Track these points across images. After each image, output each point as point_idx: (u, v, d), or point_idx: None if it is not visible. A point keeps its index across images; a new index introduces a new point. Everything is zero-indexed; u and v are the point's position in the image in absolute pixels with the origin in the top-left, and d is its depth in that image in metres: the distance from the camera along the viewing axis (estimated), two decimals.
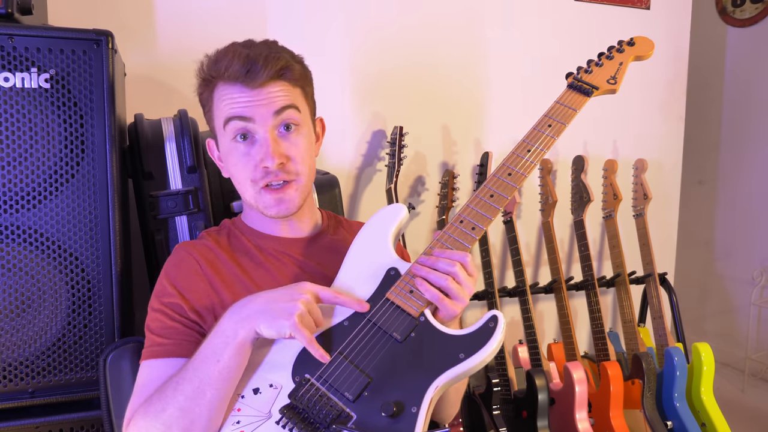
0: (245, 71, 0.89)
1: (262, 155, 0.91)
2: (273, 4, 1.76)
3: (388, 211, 0.96)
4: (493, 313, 0.82)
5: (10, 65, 1.03)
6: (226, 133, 0.93)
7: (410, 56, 1.95)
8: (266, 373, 0.83)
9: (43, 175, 1.07)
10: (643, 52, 1.04)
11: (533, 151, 0.94)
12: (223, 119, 0.93)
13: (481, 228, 0.88)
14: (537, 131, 0.96)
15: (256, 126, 0.91)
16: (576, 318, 2.27)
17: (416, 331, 0.82)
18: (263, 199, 0.95)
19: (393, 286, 0.86)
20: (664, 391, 1.82)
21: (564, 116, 0.97)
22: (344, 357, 0.82)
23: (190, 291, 0.93)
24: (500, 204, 0.89)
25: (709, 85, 2.84)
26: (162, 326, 0.91)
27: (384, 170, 1.92)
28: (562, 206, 2.08)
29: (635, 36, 1.05)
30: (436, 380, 0.79)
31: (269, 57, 0.91)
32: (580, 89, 0.99)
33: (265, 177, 0.93)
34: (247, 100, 0.90)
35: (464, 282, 0.84)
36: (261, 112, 0.90)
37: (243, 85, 0.90)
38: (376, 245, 0.93)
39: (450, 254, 0.85)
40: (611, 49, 1.04)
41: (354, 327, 0.85)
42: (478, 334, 0.81)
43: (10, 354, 1.06)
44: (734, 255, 2.83)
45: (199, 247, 0.99)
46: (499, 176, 0.92)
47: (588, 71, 1.02)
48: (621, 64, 1.02)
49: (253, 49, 0.92)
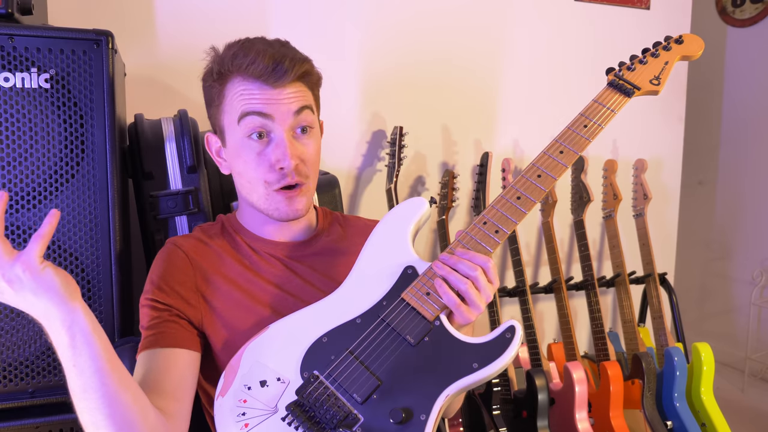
0: (271, 70, 0.88)
1: (278, 156, 0.90)
2: (274, 4, 1.76)
3: (408, 206, 0.92)
4: (510, 323, 0.79)
5: (10, 65, 1.03)
6: (240, 128, 0.91)
7: (410, 56, 1.95)
8: (275, 365, 0.82)
9: (43, 175, 1.06)
10: (692, 51, 0.96)
11: (566, 153, 0.87)
12: (239, 113, 0.91)
13: (505, 232, 0.84)
14: (572, 131, 0.89)
15: (275, 124, 0.90)
16: (576, 318, 2.27)
17: (430, 336, 0.80)
18: (274, 200, 0.93)
19: (410, 286, 0.83)
20: (664, 391, 1.82)
21: (601, 117, 0.89)
22: (355, 357, 0.80)
23: (178, 285, 0.93)
24: (527, 207, 0.84)
25: (709, 85, 2.84)
26: (149, 318, 0.91)
27: (384, 170, 1.92)
28: (562, 206, 2.08)
29: (684, 34, 0.97)
30: (447, 388, 0.77)
31: (295, 59, 0.90)
32: (621, 88, 0.91)
33: (281, 179, 0.92)
34: (268, 97, 0.89)
35: (483, 289, 0.81)
36: (282, 111, 0.90)
37: (264, 83, 0.89)
38: (393, 241, 0.89)
39: (472, 257, 0.81)
40: (657, 45, 0.96)
41: (367, 326, 0.82)
42: (494, 344, 0.78)
43: (10, 354, 1.06)
44: (734, 255, 2.84)
45: (189, 240, 0.99)
46: (528, 177, 0.86)
47: (631, 68, 0.94)
48: (666, 63, 0.94)
49: (275, 48, 0.91)
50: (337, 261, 1.00)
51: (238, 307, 0.94)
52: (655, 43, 0.97)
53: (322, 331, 0.83)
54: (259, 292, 0.95)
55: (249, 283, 0.96)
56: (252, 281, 0.96)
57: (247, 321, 0.93)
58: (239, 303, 0.94)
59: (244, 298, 0.94)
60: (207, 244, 0.99)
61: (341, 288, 0.89)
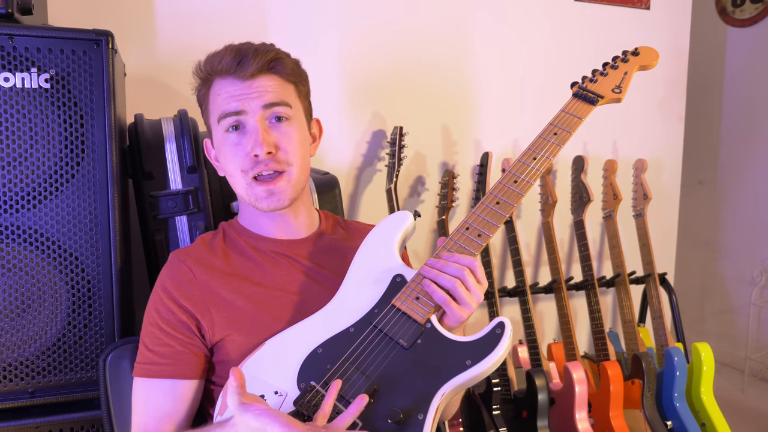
0: (236, 63, 0.92)
1: (252, 143, 0.92)
2: (273, 5, 1.76)
3: (394, 219, 0.96)
4: (500, 319, 0.82)
5: (10, 65, 1.03)
6: (220, 126, 0.95)
7: (410, 56, 1.95)
8: (271, 379, 0.83)
9: (43, 175, 1.06)
10: (648, 61, 1.05)
11: (539, 159, 0.94)
12: (217, 115, 0.95)
13: (488, 235, 0.88)
14: (543, 139, 0.97)
15: (247, 117, 0.93)
16: (576, 318, 2.27)
17: (422, 338, 0.82)
18: (254, 191, 0.95)
19: (399, 292, 0.86)
20: (664, 391, 1.82)
21: (569, 125, 0.98)
22: (350, 364, 0.82)
23: (186, 299, 0.92)
24: (506, 211, 0.90)
25: (709, 85, 2.84)
26: (157, 342, 0.90)
27: (384, 170, 1.92)
28: (562, 206, 2.08)
29: (640, 46, 1.06)
30: (442, 387, 0.78)
31: (259, 49, 0.94)
32: (585, 98, 1.01)
33: (255, 167, 0.93)
34: (239, 92, 0.93)
35: (472, 288, 0.84)
36: (251, 105, 0.93)
37: (235, 78, 0.93)
38: (381, 252, 0.93)
39: (459, 258, 0.85)
40: (616, 59, 1.06)
41: (360, 334, 0.84)
42: (485, 341, 0.80)
43: (10, 354, 1.06)
44: (734, 255, 2.84)
45: (193, 255, 0.98)
46: (505, 183, 0.93)
47: (593, 81, 1.03)
48: (626, 74, 1.03)
49: (245, 45, 0.95)
50: (343, 260, 1.00)
51: (244, 316, 0.93)
52: (614, 56, 1.06)
53: (317, 342, 0.85)
54: (264, 298, 0.94)
55: (253, 288, 0.95)
56: (261, 278, 0.96)
57: (251, 328, 0.92)
58: (244, 312, 0.93)
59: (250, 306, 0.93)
60: (209, 256, 0.98)
61: (333, 299, 0.91)
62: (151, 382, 0.89)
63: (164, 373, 0.89)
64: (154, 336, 0.91)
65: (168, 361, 0.89)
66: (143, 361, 0.91)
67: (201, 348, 0.92)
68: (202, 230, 1.20)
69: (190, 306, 0.92)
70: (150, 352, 0.90)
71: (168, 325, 0.91)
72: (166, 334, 0.90)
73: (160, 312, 0.92)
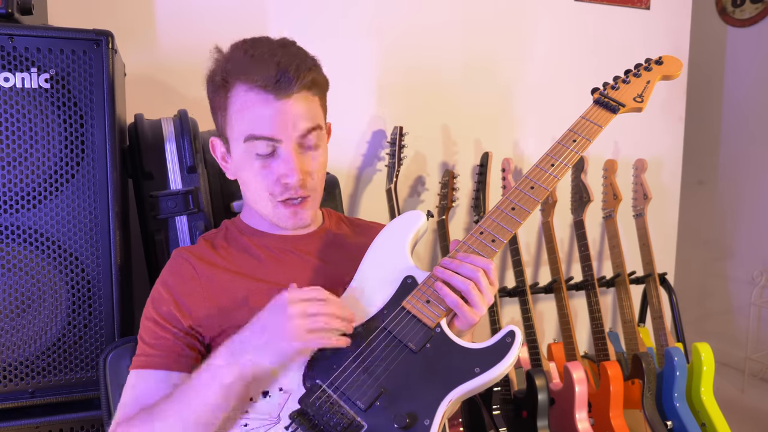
0: (275, 80, 0.85)
1: (284, 170, 0.90)
2: (274, 5, 1.76)
3: (407, 218, 0.95)
4: (510, 328, 0.81)
5: (10, 65, 1.03)
6: (246, 146, 0.90)
7: (411, 56, 1.95)
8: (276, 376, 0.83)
9: (43, 175, 1.06)
10: (672, 71, 1.03)
11: (557, 166, 0.92)
12: (245, 133, 0.89)
13: (502, 240, 0.87)
14: (561, 146, 0.94)
15: (281, 144, 0.90)
16: (576, 318, 2.27)
17: (432, 343, 0.81)
18: (279, 212, 0.94)
19: (410, 294, 0.85)
20: (664, 391, 1.82)
21: (589, 132, 0.96)
22: (357, 365, 0.81)
23: (185, 296, 0.92)
24: (522, 217, 0.89)
25: (709, 85, 2.84)
26: (152, 336, 0.91)
27: (384, 170, 1.92)
28: (562, 206, 2.08)
29: (664, 55, 1.04)
30: (450, 393, 0.78)
31: (301, 67, 0.87)
32: (607, 106, 0.98)
33: (284, 192, 0.92)
34: (272, 113, 0.87)
35: (485, 290, 0.83)
36: (287, 133, 0.89)
37: (267, 93, 0.86)
38: (393, 252, 0.92)
39: (474, 260, 0.84)
40: (638, 66, 1.03)
41: (368, 334, 0.84)
42: (494, 349, 0.80)
43: (10, 354, 1.06)
44: (734, 255, 2.83)
45: (196, 252, 0.98)
46: (522, 189, 0.91)
47: (615, 88, 1.01)
48: (648, 83, 1.01)
49: (279, 55, 0.87)
50: (349, 256, 0.99)
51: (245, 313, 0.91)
52: (637, 64, 1.04)
53: None
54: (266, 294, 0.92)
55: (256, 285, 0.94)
56: (259, 282, 0.95)
57: None
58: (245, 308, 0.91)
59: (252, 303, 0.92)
60: (212, 255, 0.98)
61: (342, 298, 0.90)
62: (142, 372, 0.89)
63: (154, 364, 0.89)
64: (150, 330, 0.91)
65: (160, 352, 0.89)
66: (139, 353, 0.91)
67: (195, 344, 0.92)
68: (202, 230, 1.20)
69: (190, 302, 0.92)
70: (146, 345, 0.91)
71: (163, 319, 0.91)
72: (160, 327, 0.91)
73: (156, 306, 0.93)
